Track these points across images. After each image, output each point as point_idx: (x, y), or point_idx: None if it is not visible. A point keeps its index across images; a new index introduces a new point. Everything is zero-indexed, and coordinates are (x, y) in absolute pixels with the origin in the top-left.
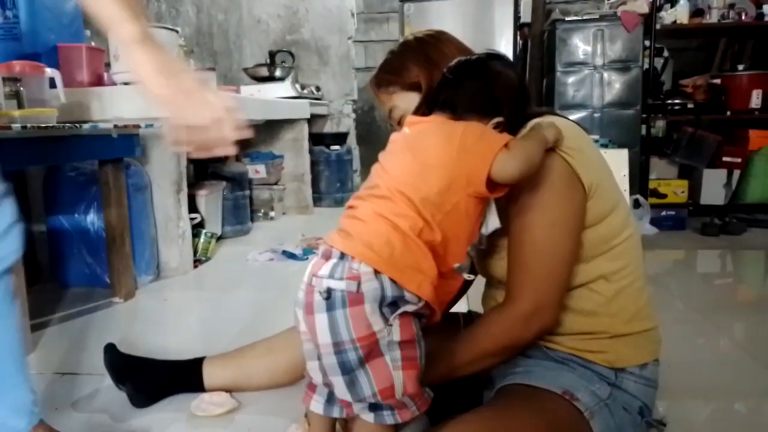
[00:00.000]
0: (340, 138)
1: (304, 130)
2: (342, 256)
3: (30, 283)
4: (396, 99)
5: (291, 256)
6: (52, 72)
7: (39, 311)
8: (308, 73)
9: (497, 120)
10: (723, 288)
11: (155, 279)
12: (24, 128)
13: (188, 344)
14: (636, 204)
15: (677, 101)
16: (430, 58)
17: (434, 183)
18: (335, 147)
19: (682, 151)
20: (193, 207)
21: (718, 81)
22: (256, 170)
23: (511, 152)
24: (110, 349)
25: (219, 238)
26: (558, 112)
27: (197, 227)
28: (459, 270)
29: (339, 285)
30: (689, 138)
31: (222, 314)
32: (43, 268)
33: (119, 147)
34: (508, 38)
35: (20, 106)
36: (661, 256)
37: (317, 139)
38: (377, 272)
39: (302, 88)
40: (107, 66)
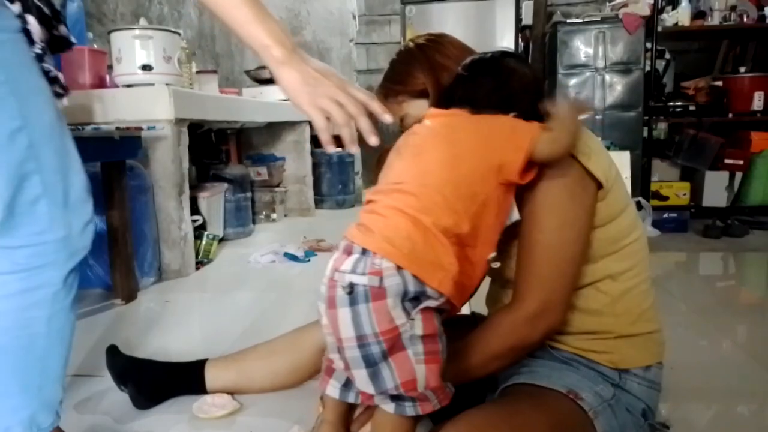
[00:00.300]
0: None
1: (306, 132)
2: (364, 252)
3: None
4: (406, 107)
5: (293, 258)
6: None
7: None
8: None
9: (512, 116)
10: (725, 290)
11: (157, 281)
12: None
13: (190, 346)
14: (638, 206)
15: (679, 103)
16: (435, 63)
17: (466, 173)
18: (337, 149)
19: (684, 154)
20: (195, 209)
21: (720, 83)
22: (258, 172)
23: (553, 133)
24: (112, 351)
25: (221, 240)
26: None
27: (199, 229)
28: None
29: (361, 280)
30: (691, 140)
31: (224, 316)
32: None
33: (121, 149)
34: (510, 40)
35: None
36: (663, 259)
37: (319, 142)
38: (399, 267)
39: None
40: (109, 68)
